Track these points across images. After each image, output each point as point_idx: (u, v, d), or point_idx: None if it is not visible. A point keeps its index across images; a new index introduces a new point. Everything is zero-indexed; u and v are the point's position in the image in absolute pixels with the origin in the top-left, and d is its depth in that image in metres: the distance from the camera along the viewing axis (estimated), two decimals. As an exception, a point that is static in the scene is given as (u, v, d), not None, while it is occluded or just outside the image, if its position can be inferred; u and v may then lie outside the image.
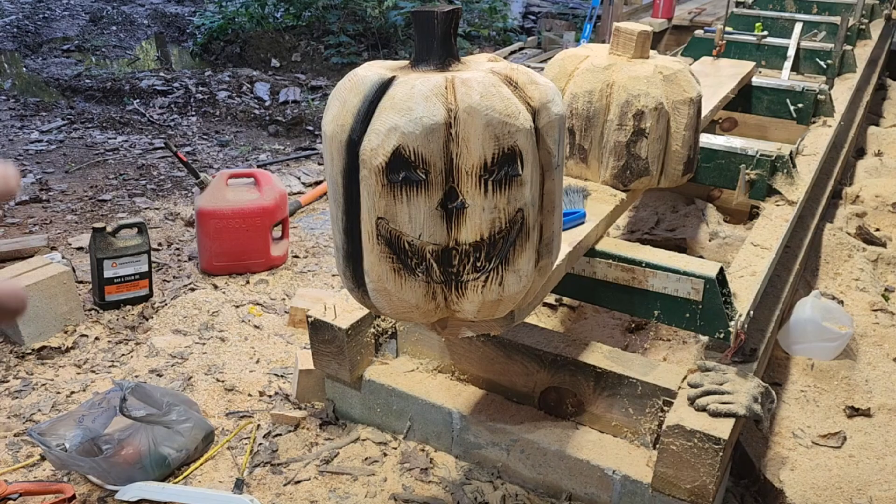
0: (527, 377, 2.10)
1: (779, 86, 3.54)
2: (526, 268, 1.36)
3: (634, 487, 1.88)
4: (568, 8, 9.33)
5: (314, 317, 2.17)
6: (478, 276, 1.35)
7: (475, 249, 1.32)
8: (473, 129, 1.24)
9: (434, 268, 1.35)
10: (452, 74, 1.27)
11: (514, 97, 1.28)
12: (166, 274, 3.26)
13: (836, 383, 2.40)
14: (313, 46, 7.50)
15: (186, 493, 2.00)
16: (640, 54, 2.17)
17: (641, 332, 2.68)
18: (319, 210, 4.02)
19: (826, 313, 2.45)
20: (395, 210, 1.30)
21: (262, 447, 2.20)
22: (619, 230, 3.32)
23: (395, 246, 1.34)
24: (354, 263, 1.40)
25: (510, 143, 1.25)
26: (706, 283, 1.88)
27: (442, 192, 1.29)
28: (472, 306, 1.39)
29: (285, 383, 2.50)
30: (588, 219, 1.95)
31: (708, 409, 1.78)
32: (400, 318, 1.48)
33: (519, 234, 1.32)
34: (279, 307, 2.99)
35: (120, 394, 2.08)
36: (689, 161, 2.20)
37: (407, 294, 1.38)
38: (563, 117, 1.37)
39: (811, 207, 2.99)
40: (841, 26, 4.06)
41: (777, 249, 2.31)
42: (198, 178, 3.24)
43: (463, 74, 1.28)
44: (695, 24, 6.08)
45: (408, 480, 2.08)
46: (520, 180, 1.28)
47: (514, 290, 1.37)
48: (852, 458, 2.13)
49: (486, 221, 1.30)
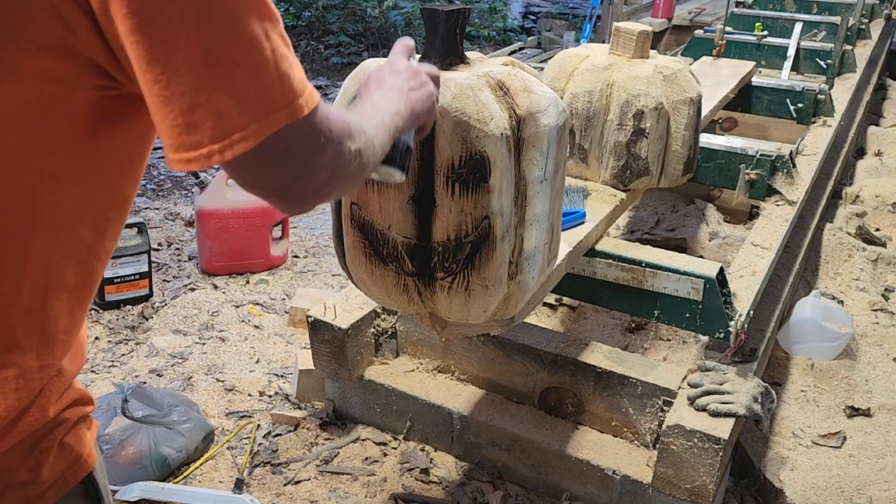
0: (527, 377, 2.10)
1: (779, 86, 3.54)
2: (495, 277, 1.35)
3: (634, 487, 1.88)
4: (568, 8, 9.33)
5: (314, 317, 2.17)
6: (445, 276, 1.36)
7: (444, 249, 1.33)
8: (443, 130, 1.25)
9: (405, 260, 1.37)
10: (441, 73, 1.28)
11: (493, 102, 1.27)
12: (166, 274, 3.26)
13: (836, 383, 2.40)
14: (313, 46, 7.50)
15: (186, 493, 2.01)
16: (640, 54, 2.17)
17: (641, 332, 2.68)
18: (319, 210, 4.01)
19: (826, 313, 2.45)
20: (366, 198, 1.35)
21: (262, 447, 2.20)
22: (619, 230, 3.32)
23: (368, 232, 1.38)
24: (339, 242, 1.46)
25: (478, 148, 1.25)
26: (706, 283, 1.88)
27: (414, 187, 1.30)
28: (442, 306, 1.40)
29: (285, 383, 2.50)
30: (588, 219, 1.95)
31: (708, 409, 1.78)
32: (379, 302, 1.55)
33: (485, 242, 1.31)
34: (279, 307, 2.99)
35: (121, 395, 2.08)
36: (689, 161, 2.20)
37: (377, 280, 1.42)
38: (556, 128, 1.34)
39: (811, 207, 2.99)
40: (841, 26, 4.07)
41: (777, 249, 2.31)
42: (198, 178, 3.24)
43: (448, 74, 1.28)
44: (695, 24, 6.07)
45: (408, 480, 2.08)
46: (487, 187, 1.27)
47: (481, 297, 1.37)
48: (852, 458, 2.13)
49: (452, 223, 1.31)
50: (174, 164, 0.71)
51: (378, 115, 0.97)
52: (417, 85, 1.09)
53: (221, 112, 0.69)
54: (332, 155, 0.78)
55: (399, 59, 1.14)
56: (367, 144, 0.86)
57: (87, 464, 0.85)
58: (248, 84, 0.70)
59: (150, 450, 2.05)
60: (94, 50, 0.69)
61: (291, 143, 0.74)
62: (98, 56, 0.70)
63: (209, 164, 0.70)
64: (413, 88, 1.08)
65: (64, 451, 0.82)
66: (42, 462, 0.80)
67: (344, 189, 0.86)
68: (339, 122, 0.80)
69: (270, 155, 0.73)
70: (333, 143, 0.78)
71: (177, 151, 0.70)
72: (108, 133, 0.76)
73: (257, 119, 0.70)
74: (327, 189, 0.80)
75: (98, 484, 0.88)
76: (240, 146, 0.70)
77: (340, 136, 0.80)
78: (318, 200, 0.81)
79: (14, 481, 0.78)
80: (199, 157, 0.70)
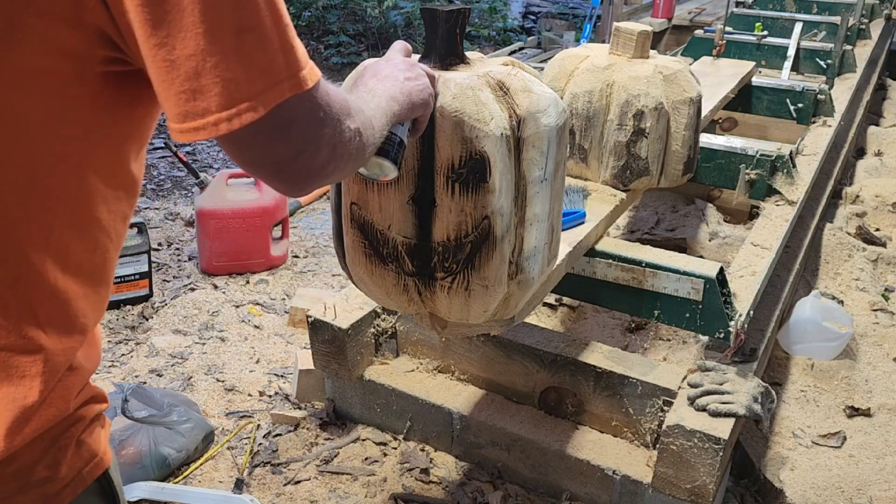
0: (527, 377, 2.10)
1: (779, 86, 3.54)
2: (495, 277, 1.35)
3: (634, 487, 1.88)
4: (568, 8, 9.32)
5: (314, 317, 2.17)
6: (445, 276, 1.36)
7: (444, 249, 1.33)
8: (443, 130, 1.25)
9: (405, 260, 1.37)
10: (441, 73, 1.28)
11: (493, 102, 1.27)
12: (166, 274, 3.26)
13: (836, 383, 2.40)
14: (313, 46, 7.50)
15: (186, 493, 2.01)
16: (640, 54, 2.17)
17: (641, 332, 2.68)
18: (319, 210, 4.01)
19: (826, 313, 2.45)
20: (366, 198, 1.34)
21: (262, 447, 2.20)
22: (619, 230, 3.32)
23: (368, 232, 1.38)
24: (339, 242, 1.46)
25: (478, 148, 1.25)
26: (706, 283, 1.88)
27: (414, 187, 1.30)
28: (442, 306, 1.40)
29: (285, 383, 2.50)
30: (588, 219, 1.95)
31: (708, 409, 1.78)
32: (379, 302, 1.54)
33: (485, 242, 1.32)
34: (279, 307, 2.99)
35: (121, 395, 2.08)
36: (689, 161, 2.20)
37: (377, 280, 1.42)
38: (556, 128, 1.34)
39: (811, 207, 2.99)
40: (841, 26, 4.07)
41: (777, 249, 2.31)
42: (198, 178, 3.24)
43: (448, 74, 1.29)
44: (695, 24, 6.07)
45: (408, 480, 2.08)
46: (487, 187, 1.27)
47: (481, 297, 1.37)
48: (852, 457, 2.13)
49: (452, 223, 1.31)
50: (181, 135, 0.69)
51: (375, 98, 0.97)
52: (414, 76, 1.10)
53: (230, 78, 0.68)
54: (332, 132, 0.77)
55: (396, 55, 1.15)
56: (366, 124, 0.86)
57: (103, 461, 0.86)
58: (255, 51, 0.69)
59: (150, 450, 2.05)
60: (101, 18, 0.68)
61: (294, 117, 0.73)
62: (105, 25, 0.69)
63: (216, 132, 0.69)
64: (409, 78, 1.08)
65: (81, 448, 0.83)
66: (60, 459, 0.80)
67: (345, 170, 0.85)
68: (338, 100, 0.79)
69: (274, 128, 0.72)
70: (333, 119, 0.78)
71: (184, 120, 0.69)
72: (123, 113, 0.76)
73: (264, 89, 0.69)
74: (329, 168, 0.79)
75: (113, 482, 0.88)
76: (248, 115, 0.69)
77: (340, 114, 0.79)
78: (319, 181, 0.80)
79: (33, 478, 0.78)
80: (207, 125, 0.68)
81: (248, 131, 0.70)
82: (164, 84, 0.68)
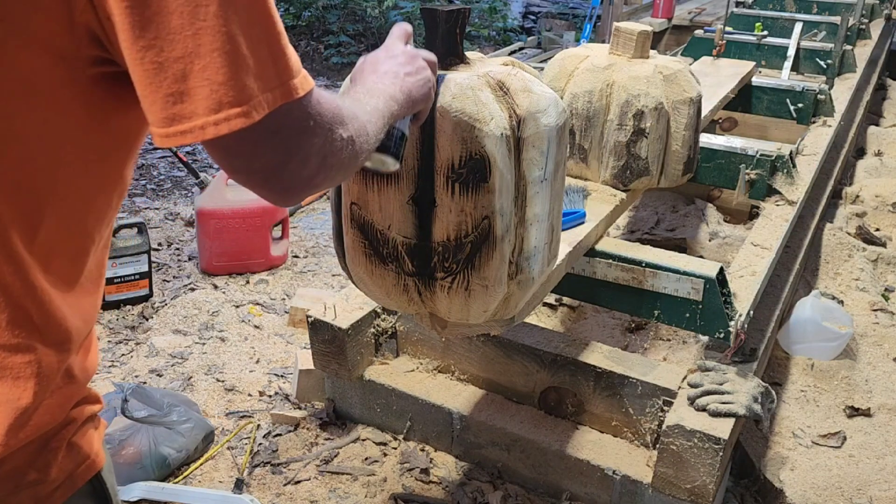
0: (527, 377, 2.10)
1: (779, 86, 3.54)
2: (495, 277, 1.35)
3: (634, 487, 1.88)
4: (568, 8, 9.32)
5: (314, 317, 2.17)
6: (445, 276, 1.36)
7: (444, 249, 1.33)
8: (443, 130, 1.25)
9: (405, 260, 1.37)
10: (442, 73, 1.28)
11: (493, 102, 1.27)
12: (166, 274, 3.26)
13: (836, 383, 2.40)
14: (313, 46, 7.49)
15: (186, 493, 2.01)
16: (640, 54, 2.17)
17: (641, 332, 2.68)
18: (319, 210, 4.02)
19: (826, 313, 2.45)
20: (366, 198, 1.35)
21: (262, 447, 2.20)
22: (619, 230, 3.32)
23: (368, 232, 1.38)
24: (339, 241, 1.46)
25: (478, 148, 1.25)
26: (706, 283, 1.88)
27: (414, 187, 1.30)
28: (442, 306, 1.40)
29: (285, 383, 2.50)
30: (588, 219, 1.95)
31: (708, 409, 1.78)
32: (379, 302, 1.55)
33: (485, 242, 1.31)
34: (279, 307, 2.99)
35: (121, 395, 2.08)
36: (689, 161, 2.20)
37: (377, 280, 1.42)
38: (556, 128, 1.34)
39: (811, 207, 2.99)
40: (841, 26, 4.07)
41: (777, 249, 2.31)
42: (198, 178, 3.24)
43: (448, 74, 1.29)
44: (695, 24, 6.07)
45: (408, 480, 2.08)
46: (487, 187, 1.27)
47: (481, 297, 1.37)
48: (852, 457, 2.13)
49: (452, 223, 1.31)
50: (166, 140, 0.68)
51: (372, 100, 0.95)
52: (414, 70, 1.07)
53: (219, 82, 0.66)
54: (322, 141, 0.76)
55: (396, 43, 1.12)
56: (359, 131, 0.84)
57: (95, 463, 0.85)
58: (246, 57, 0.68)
59: (150, 450, 2.05)
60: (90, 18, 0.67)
61: (283, 125, 0.72)
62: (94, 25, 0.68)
63: (203, 136, 0.67)
64: (409, 73, 1.06)
65: (72, 450, 0.82)
66: (51, 462, 0.80)
67: (335, 179, 0.84)
68: (330, 108, 0.78)
69: (261, 135, 0.70)
70: (324, 128, 0.77)
71: (170, 124, 0.67)
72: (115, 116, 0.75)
73: (254, 95, 0.68)
74: (318, 178, 0.78)
75: (106, 483, 0.88)
76: (237, 121, 0.67)
77: (332, 123, 0.78)
78: (308, 190, 0.78)
79: (24, 481, 0.78)
80: (194, 128, 0.67)
81: (236, 137, 0.69)
82: (151, 87, 0.67)
